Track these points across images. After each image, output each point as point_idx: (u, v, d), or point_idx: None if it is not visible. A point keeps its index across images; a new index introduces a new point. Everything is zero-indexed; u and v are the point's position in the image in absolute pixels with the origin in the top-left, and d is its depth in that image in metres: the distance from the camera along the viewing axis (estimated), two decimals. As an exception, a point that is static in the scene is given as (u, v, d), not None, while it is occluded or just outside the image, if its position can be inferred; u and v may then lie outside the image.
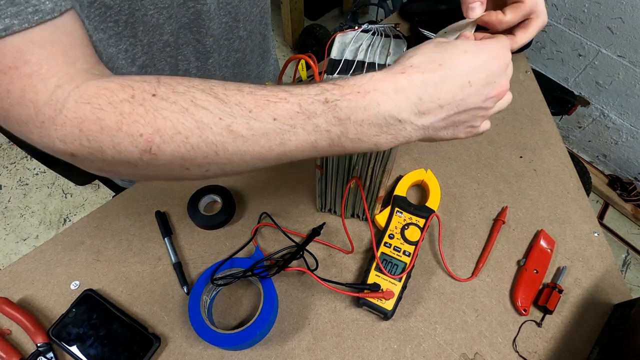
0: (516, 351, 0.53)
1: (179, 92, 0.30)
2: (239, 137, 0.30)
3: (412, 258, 0.55)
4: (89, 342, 0.51)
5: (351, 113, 0.30)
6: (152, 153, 0.30)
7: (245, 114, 0.30)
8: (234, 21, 0.55)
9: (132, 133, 0.29)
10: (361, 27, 0.49)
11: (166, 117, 0.29)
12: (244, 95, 0.31)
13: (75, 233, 0.60)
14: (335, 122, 0.31)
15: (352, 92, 0.31)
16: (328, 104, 0.30)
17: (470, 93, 0.32)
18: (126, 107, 0.30)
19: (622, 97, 1.41)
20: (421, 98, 0.31)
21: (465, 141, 0.73)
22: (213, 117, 0.30)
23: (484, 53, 0.33)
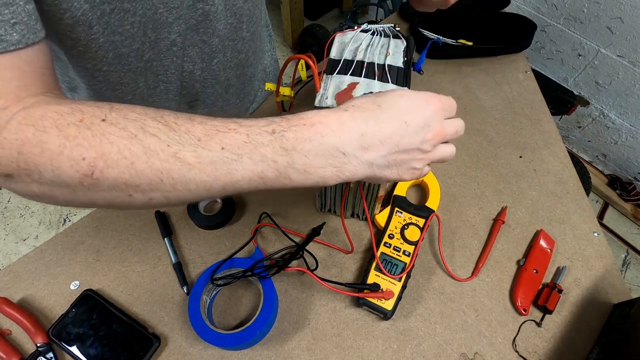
0: (516, 351, 0.53)
1: (130, 118, 0.30)
2: (185, 164, 0.30)
3: (412, 258, 0.55)
4: (89, 342, 0.51)
5: (297, 143, 0.31)
6: (94, 177, 0.30)
7: (193, 142, 0.30)
8: (238, 22, 0.55)
9: (74, 157, 0.29)
10: (360, 27, 0.49)
11: (113, 142, 0.29)
12: (194, 124, 0.31)
13: (75, 233, 0.60)
14: (281, 152, 0.31)
15: (299, 124, 0.32)
16: (275, 134, 0.31)
17: (408, 133, 0.34)
18: (72, 130, 0.29)
19: (621, 97, 1.41)
20: (363, 134, 0.33)
21: (465, 141, 0.73)
22: (161, 143, 0.30)
23: (418, 98, 0.35)
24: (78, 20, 0.39)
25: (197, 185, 0.31)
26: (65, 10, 0.38)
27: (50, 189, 0.31)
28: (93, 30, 0.42)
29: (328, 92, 0.43)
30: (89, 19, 0.40)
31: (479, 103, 0.79)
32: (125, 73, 0.50)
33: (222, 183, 0.32)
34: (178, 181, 0.31)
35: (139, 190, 0.31)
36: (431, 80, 0.81)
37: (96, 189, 0.31)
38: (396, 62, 0.45)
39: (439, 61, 0.84)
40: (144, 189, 0.31)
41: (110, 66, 0.48)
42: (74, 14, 0.39)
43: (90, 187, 0.30)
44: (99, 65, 0.47)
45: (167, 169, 0.30)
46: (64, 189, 0.31)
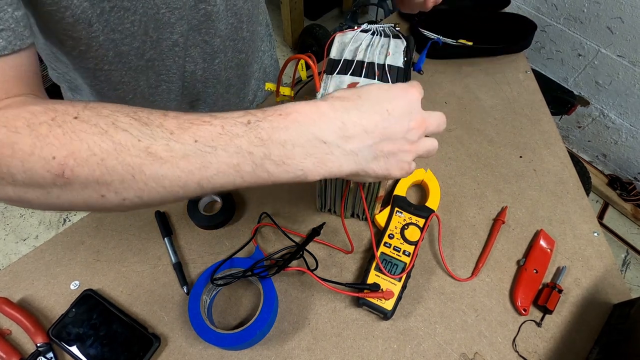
0: (516, 351, 0.53)
1: (102, 115, 0.30)
2: (157, 159, 0.29)
3: (412, 258, 0.55)
4: (89, 342, 0.51)
5: (272, 132, 0.30)
6: (65, 177, 0.29)
7: (166, 135, 0.29)
8: (239, 22, 0.56)
9: (44, 156, 0.28)
10: (360, 27, 0.49)
11: (82, 139, 0.28)
12: (168, 118, 0.30)
13: (75, 233, 0.60)
14: (257, 142, 0.30)
15: (274, 114, 0.31)
16: (250, 125, 0.30)
17: (392, 122, 0.33)
18: (44, 129, 0.28)
19: (621, 97, 1.41)
20: (344, 122, 0.32)
21: (465, 141, 0.73)
22: (132, 138, 0.29)
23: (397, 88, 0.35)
24: (78, 19, 0.40)
25: (170, 182, 0.30)
26: (66, 9, 0.38)
27: (24, 191, 0.30)
28: (93, 29, 0.42)
29: (328, 92, 0.43)
30: (89, 16, 0.40)
31: (479, 103, 0.79)
32: (126, 72, 0.50)
33: (196, 178, 0.30)
34: (150, 177, 0.30)
35: (111, 189, 0.30)
36: (431, 80, 0.81)
37: (69, 189, 0.30)
38: (396, 62, 0.45)
39: (439, 61, 0.84)
40: (116, 187, 0.30)
41: (111, 65, 0.48)
42: (74, 12, 0.39)
43: (63, 187, 0.30)
44: (100, 65, 0.47)
45: (138, 165, 0.29)
46: (37, 191, 0.30)
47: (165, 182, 0.30)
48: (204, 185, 0.31)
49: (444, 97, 0.79)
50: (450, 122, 0.75)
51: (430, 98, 0.79)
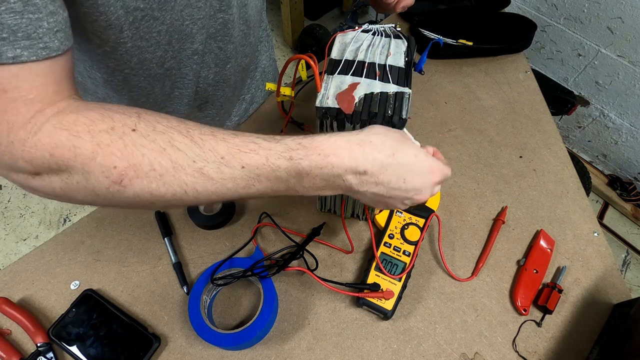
0: (516, 351, 0.53)
1: (159, 131, 0.32)
2: (209, 179, 0.33)
3: (412, 258, 0.55)
4: (89, 342, 0.51)
5: (310, 170, 0.35)
6: (122, 185, 0.31)
7: (217, 159, 0.33)
8: (248, 28, 0.57)
9: (106, 164, 0.31)
10: (361, 27, 0.49)
11: (144, 154, 0.31)
12: (218, 141, 0.33)
13: (75, 233, 0.60)
14: (294, 175, 0.35)
15: (314, 153, 0.35)
16: (292, 161, 0.34)
17: (401, 188, 0.37)
18: (105, 137, 0.31)
19: (621, 97, 1.41)
20: (366, 171, 0.35)
21: (465, 141, 0.73)
22: (188, 159, 0.32)
23: (427, 165, 0.39)
24: (111, 24, 0.40)
25: (217, 196, 0.34)
26: (101, 14, 0.39)
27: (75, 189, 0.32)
28: (123, 35, 0.43)
29: (329, 92, 0.43)
30: (121, 23, 0.41)
31: (479, 103, 0.79)
32: (145, 78, 0.51)
33: (239, 194, 0.35)
34: (201, 193, 0.33)
35: (162, 199, 0.33)
36: (431, 80, 0.81)
37: (120, 196, 0.32)
38: (397, 63, 0.45)
39: (440, 61, 0.84)
40: (167, 198, 0.33)
41: (132, 70, 0.49)
42: (108, 17, 0.39)
43: (116, 193, 0.32)
44: (121, 67, 0.48)
45: (192, 182, 0.32)
46: (87, 192, 0.32)
47: (213, 197, 0.34)
48: (243, 197, 0.36)
49: (444, 97, 0.79)
50: (451, 122, 0.75)
51: (430, 98, 0.79)
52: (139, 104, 0.55)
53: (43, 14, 0.31)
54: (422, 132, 0.74)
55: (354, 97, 0.42)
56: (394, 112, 0.42)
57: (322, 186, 0.36)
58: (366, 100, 0.42)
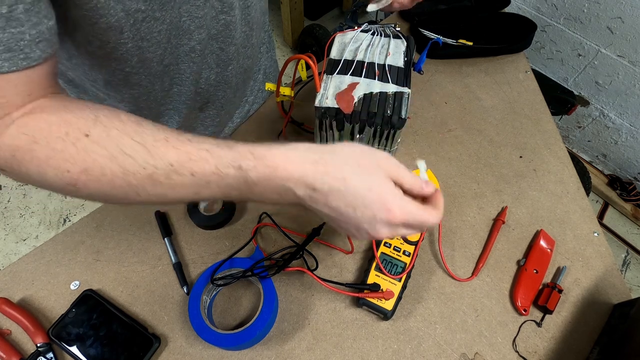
0: (516, 351, 0.53)
1: (112, 136, 0.33)
2: (158, 183, 0.34)
3: (412, 258, 0.55)
4: (89, 342, 0.51)
5: (259, 181, 0.35)
6: (77, 187, 0.34)
7: (167, 166, 0.33)
8: (250, 30, 0.57)
9: (59, 168, 0.33)
10: (361, 27, 0.49)
11: (95, 160, 0.33)
12: (169, 149, 0.34)
13: (75, 233, 0.60)
14: (244, 185, 0.35)
15: (264, 165, 0.34)
16: (241, 170, 0.34)
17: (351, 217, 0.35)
18: (59, 144, 0.32)
19: (621, 97, 1.41)
20: (315, 190, 0.34)
21: (465, 141, 0.73)
22: (137, 165, 0.33)
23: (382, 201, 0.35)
24: (111, 26, 0.41)
25: (170, 199, 0.36)
26: (101, 16, 0.39)
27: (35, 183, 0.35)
28: (124, 36, 0.43)
29: (328, 92, 0.43)
30: (122, 25, 0.41)
31: (479, 103, 0.79)
32: (146, 76, 0.51)
33: (191, 198, 0.36)
34: (152, 195, 0.35)
35: (116, 199, 0.36)
36: (431, 80, 0.81)
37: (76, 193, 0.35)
38: (396, 62, 0.45)
39: (439, 61, 0.84)
40: (120, 198, 0.35)
41: (133, 69, 0.49)
42: (108, 19, 0.40)
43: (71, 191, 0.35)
44: (122, 66, 0.48)
45: (142, 186, 0.34)
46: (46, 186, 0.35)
47: (164, 198, 0.36)
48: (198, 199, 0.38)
49: (444, 97, 0.79)
50: (451, 122, 0.75)
51: (430, 98, 0.79)
52: (139, 102, 0.55)
53: (25, 27, 0.31)
54: (422, 132, 0.74)
55: (353, 97, 0.42)
56: (393, 111, 0.42)
57: (276, 199, 0.36)
58: (365, 100, 0.42)
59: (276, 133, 0.70)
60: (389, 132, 0.42)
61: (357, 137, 0.44)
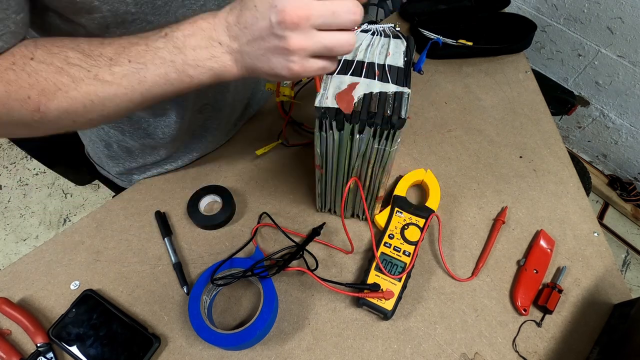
0: (516, 351, 0.53)
1: (54, 53, 0.35)
2: (105, 83, 0.36)
3: (412, 258, 0.55)
4: (89, 342, 0.51)
5: (185, 40, 0.36)
6: (41, 112, 0.35)
7: (107, 62, 0.35)
8: None
9: (20, 97, 0.34)
10: (361, 27, 0.49)
11: (46, 78, 0.34)
12: (105, 46, 0.36)
13: (75, 233, 0.60)
14: (175, 51, 0.36)
15: (185, 22, 0.36)
16: (167, 36, 0.36)
17: (257, 17, 0.33)
18: (11, 75, 0.34)
19: (621, 97, 1.41)
20: (229, 24, 0.35)
21: (465, 141, 0.73)
22: (83, 70, 0.35)
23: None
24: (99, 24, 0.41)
25: (120, 99, 0.37)
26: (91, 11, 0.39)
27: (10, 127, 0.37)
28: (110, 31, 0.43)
29: (328, 92, 0.43)
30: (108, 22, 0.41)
31: (479, 103, 0.79)
32: None
33: (138, 92, 0.37)
34: (105, 98, 0.36)
35: (78, 114, 0.37)
36: (431, 81, 0.81)
37: (45, 120, 0.36)
38: (396, 62, 0.45)
39: (439, 61, 0.84)
40: (81, 112, 0.37)
41: None
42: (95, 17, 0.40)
43: (41, 120, 0.36)
44: None
45: (93, 91, 0.36)
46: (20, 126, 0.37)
47: (117, 100, 0.37)
48: (146, 96, 0.38)
49: (444, 97, 0.79)
50: (451, 122, 0.75)
51: (430, 98, 0.79)
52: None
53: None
54: (422, 132, 0.74)
55: (352, 97, 0.42)
56: (393, 111, 0.42)
57: (208, 56, 0.36)
58: (365, 100, 0.42)
59: (276, 133, 0.70)
60: (389, 132, 0.42)
61: (356, 137, 0.44)
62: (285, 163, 0.68)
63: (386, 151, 0.46)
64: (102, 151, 0.66)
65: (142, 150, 0.63)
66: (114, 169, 0.69)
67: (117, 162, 0.67)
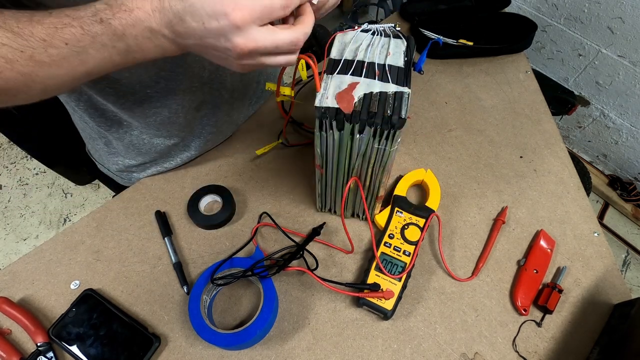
0: (516, 351, 0.53)
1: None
2: (44, 64, 0.34)
3: (412, 258, 0.55)
4: (89, 341, 0.51)
5: (124, 29, 0.35)
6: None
7: (40, 44, 0.33)
8: None
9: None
10: (361, 27, 0.49)
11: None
12: (34, 25, 0.33)
13: (75, 233, 0.60)
14: (115, 38, 0.35)
15: (120, 10, 0.34)
16: (104, 23, 0.34)
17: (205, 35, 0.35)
18: None
19: (622, 97, 1.41)
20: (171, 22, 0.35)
21: (465, 141, 0.73)
22: (16, 51, 0.33)
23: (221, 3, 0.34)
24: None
25: (63, 77, 0.36)
26: None
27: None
28: None
29: (328, 92, 0.43)
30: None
31: (479, 103, 0.79)
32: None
33: (83, 71, 0.36)
34: (45, 77, 0.35)
35: (19, 92, 0.35)
36: (431, 80, 0.81)
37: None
38: (397, 62, 0.45)
39: (440, 61, 0.84)
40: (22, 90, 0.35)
41: None
42: None
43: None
44: None
45: (32, 71, 0.34)
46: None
47: (59, 79, 0.36)
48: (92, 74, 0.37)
49: (444, 97, 0.79)
50: (451, 122, 0.75)
51: (430, 98, 0.79)
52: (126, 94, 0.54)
53: None
54: (422, 132, 0.74)
55: (353, 97, 0.42)
56: (393, 111, 0.42)
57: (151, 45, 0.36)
58: (365, 99, 0.42)
59: (276, 133, 0.70)
60: (389, 132, 0.42)
61: (357, 137, 0.44)
62: (285, 163, 0.68)
63: (386, 151, 0.45)
64: (102, 148, 0.66)
65: (140, 148, 0.63)
66: (113, 167, 0.69)
67: (116, 160, 0.67)
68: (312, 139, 0.59)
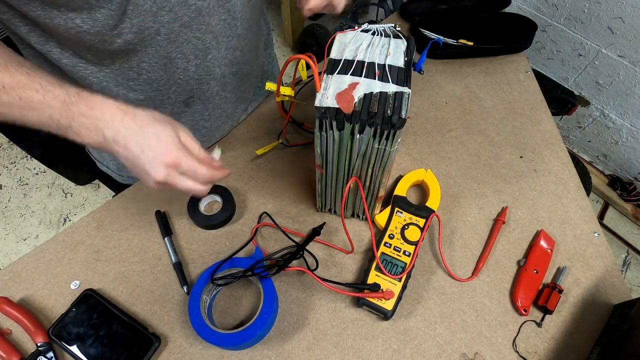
0: (516, 351, 0.53)
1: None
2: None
3: (412, 258, 0.55)
4: (89, 341, 0.51)
5: (78, 117, 0.41)
6: None
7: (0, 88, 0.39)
8: (233, 19, 0.55)
9: None
10: (361, 27, 0.49)
11: None
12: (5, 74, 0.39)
13: (75, 233, 0.60)
14: (65, 119, 0.41)
15: (85, 104, 0.41)
16: (65, 104, 0.41)
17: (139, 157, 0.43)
18: None
19: (622, 97, 1.41)
20: (119, 132, 0.42)
21: (465, 141, 0.73)
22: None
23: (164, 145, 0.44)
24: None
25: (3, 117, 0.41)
26: None
27: None
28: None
29: (328, 92, 0.43)
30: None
31: (479, 103, 0.79)
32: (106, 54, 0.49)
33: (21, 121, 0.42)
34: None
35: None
36: (431, 80, 0.81)
37: None
38: (397, 62, 0.45)
39: (440, 61, 0.84)
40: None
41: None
42: None
43: None
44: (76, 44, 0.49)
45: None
46: None
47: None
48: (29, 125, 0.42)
49: (444, 97, 0.79)
50: (451, 122, 0.75)
51: (430, 98, 0.79)
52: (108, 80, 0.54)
53: None
54: (422, 132, 0.74)
55: (353, 97, 0.42)
56: (393, 111, 0.42)
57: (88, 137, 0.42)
58: (365, 99, 0.42)
59: (276, 133, 0.70)
60: (389, 132, 0.42)
61: (357, 137, 0.44)
62: (285, 163, 0.68)
63: (386, 151, 0.45)
64: None
65: None
66: (112, 164, 0.69)
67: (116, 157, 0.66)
68: (312, 139, 0.59)
